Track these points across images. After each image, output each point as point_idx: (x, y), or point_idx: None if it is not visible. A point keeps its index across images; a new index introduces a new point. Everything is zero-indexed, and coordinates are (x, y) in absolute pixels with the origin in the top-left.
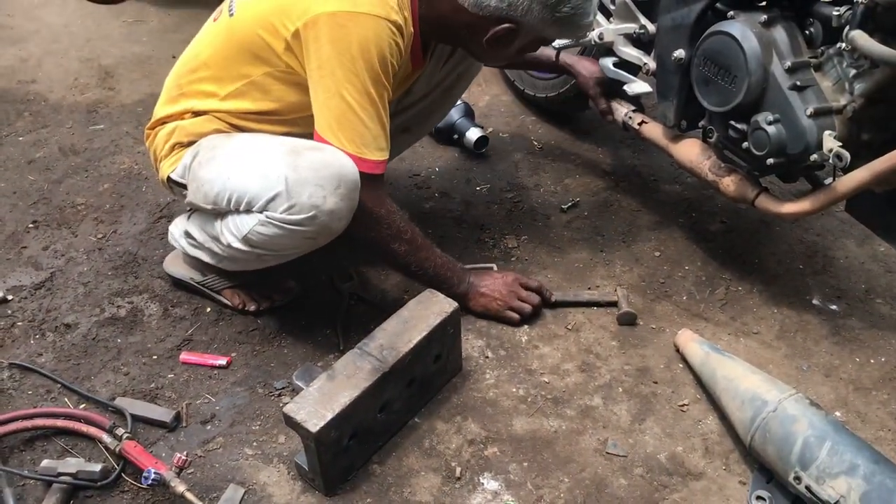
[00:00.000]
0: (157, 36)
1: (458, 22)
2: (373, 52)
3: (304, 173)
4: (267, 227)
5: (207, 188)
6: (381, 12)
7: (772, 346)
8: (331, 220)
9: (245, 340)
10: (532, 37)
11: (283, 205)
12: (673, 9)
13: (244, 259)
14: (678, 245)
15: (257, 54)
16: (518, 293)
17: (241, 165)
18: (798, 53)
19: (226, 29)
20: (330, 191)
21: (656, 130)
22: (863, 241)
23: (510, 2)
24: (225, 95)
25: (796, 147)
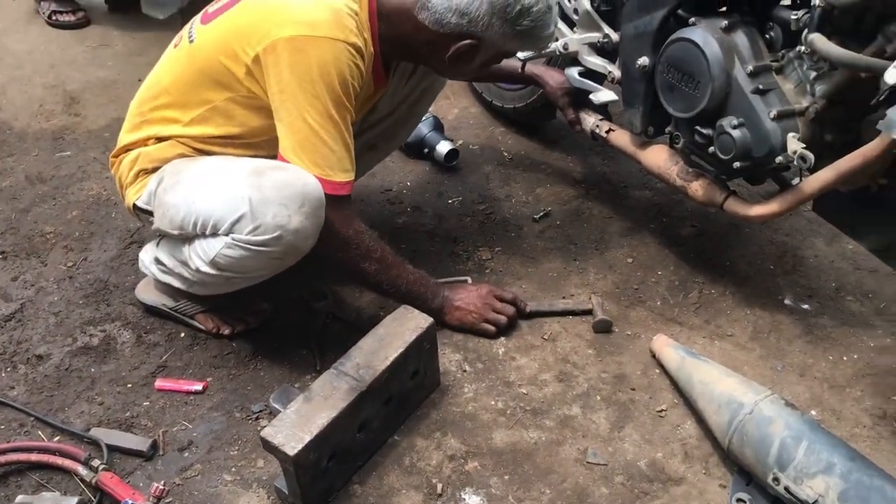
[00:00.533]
0: (122, 60)
1: (419, 40)
2: (333, 74)
3: (267, 193)
4: (234, 250)
5: (173, 213)
6: (339, 35)
7: (746, 347)
8: (297, 239)
9: (220, 364)
10: (494, 51)
11: (249, 226)
12: (635, 17)
13: (214, 283)
14: (650, 250)
15: (218, 80)
16: (493, 305)
17: (205, 188)
18: (759, 57)
19: (186, 55)
20: (294, 210)
21: (624, 138)
22: (831, 239)
23: (470, 18)
24: (188, 121)
25: (761, 150)
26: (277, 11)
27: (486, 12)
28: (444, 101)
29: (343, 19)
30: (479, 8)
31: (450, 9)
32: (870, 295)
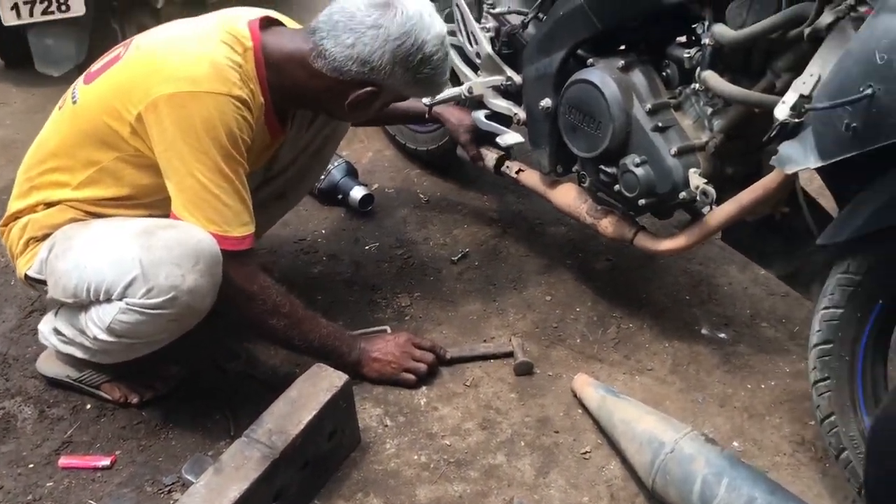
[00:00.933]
0: (20, 118)
1: (315, 88)
2: (219, 128)
3: (158, 253)
4: (129, 315)
5: (66, 281)
6: (222, 89)
7: (666, 381)
8: (192, 299)
9: (129, 436)
10: (393, 96)
11: (141, 289)
12: (536, 59)
13: (116, 350)
14: (568, 287)
15: (104, 140)
16: (412, 353)
17: (95, 253)
18: (657, 95)
19: (70, 116)
20: (188, 269)
21: (534, 177)
22: (744, 266)
23: (372, 66)
24: (77, 184)
25: (665, 186)
26: (157, 69)
27: (389, 61)
28: (357, 144)
29: (225, 72)
30: (381, 57)
31: (350, 57)
32: (783, 320)
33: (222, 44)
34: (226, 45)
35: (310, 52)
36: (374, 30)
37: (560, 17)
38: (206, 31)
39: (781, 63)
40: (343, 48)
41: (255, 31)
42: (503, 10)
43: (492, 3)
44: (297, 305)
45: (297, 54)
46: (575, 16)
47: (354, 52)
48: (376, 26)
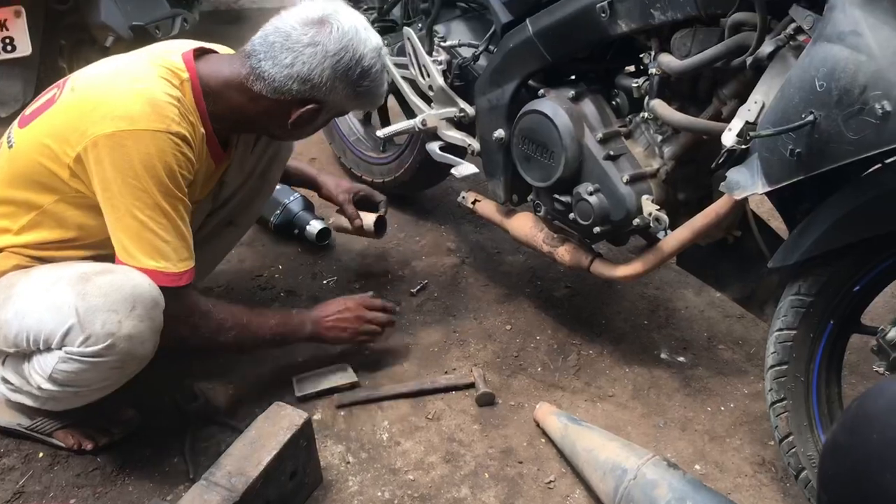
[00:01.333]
0: None
1: (255, 110)
2: (158, 166)
3: (93, 300)
4: (69, 364)
5: (6, 330)
6: (160, 126)
7: (627, 406)
8: (131, 345)
9: (85, 483)
10: (334, 112)
11: (79, 337)
12: (488, 91)
13: (64, 398)
14: (527, 316)
15: (43, 183)
16: (364, 316)
17: (34, 301)
18: (608, 124)
19: (7, 161)
20: (125, 314)
21: (490, 207)
22: (699, 290)
23: (313, 84)
24: (18, 229)
25: (618, 214)
26: (93, 108)
27: (329, 77)
28: None
29: (162, 109)
30: (321, 74)
31: (290, 76)
32: (740, 342)
33: (159, 79)
34: (163, 80)
35: (247, 75)
36: (311, 47)
37: (510, 49)
38: (142, 67)
39: (726, 91)
40: (282, 68)
41: (190, 61)
42: (454, 43)
43: (442, 36)
44: (239, 313)
45: (234, 79)
46: (525, 48)
47: (294, 70)
48: (314, 44)
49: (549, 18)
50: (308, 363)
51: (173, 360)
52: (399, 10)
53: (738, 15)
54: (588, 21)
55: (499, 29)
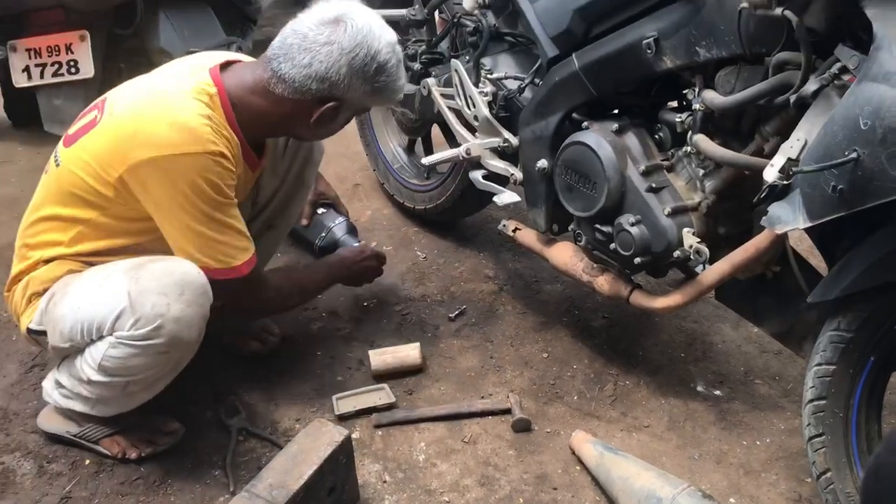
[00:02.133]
0: (26, 176)
1: (279, 113)
2: (203, 185)
3: (145, 283)
4: (118, 349)
5: (62, 325)
6: (198, 148)
7: (663, 438)
8: (178, 328)
9: (128, 492)
10: (355, 109)
11: (129, 320)
12: (532, 122)
13: (112, 396)
14: (564, 344)
15: (89, 200)
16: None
17: (88, 293)
18: (650, 157)
19: (55, 179)
20: (174, 297)
21: (530, 236)
22: (737, 324)
23: (331, 82)
24: (69, 240)
25: (659, 246)
26: (133, 135)
27: (346, 74)
28: (356, 203)
29: (197, 131)
30: (338, 71)
31: (309, 76)
32: (777, 377)
33: (193, 100)
34: (195, 101)
35: (269, 79)
36: (327, 46)
37: (556, 82)
38: (174, 88)
39: (769, 128)
40: (300, 69)
41: (217, 76)
42: (500, 76)
43: (489, 68)
44: (296, 278)
45: (257, 85)
46: (570, 82)
47: (312, 70)
48: (329, 42)
49: (595, 53)
50: (347, 383)
51: (217, 375)
52: (447, 42)
53: (782, 54)
54: (634, 57)
55: (545, 62)
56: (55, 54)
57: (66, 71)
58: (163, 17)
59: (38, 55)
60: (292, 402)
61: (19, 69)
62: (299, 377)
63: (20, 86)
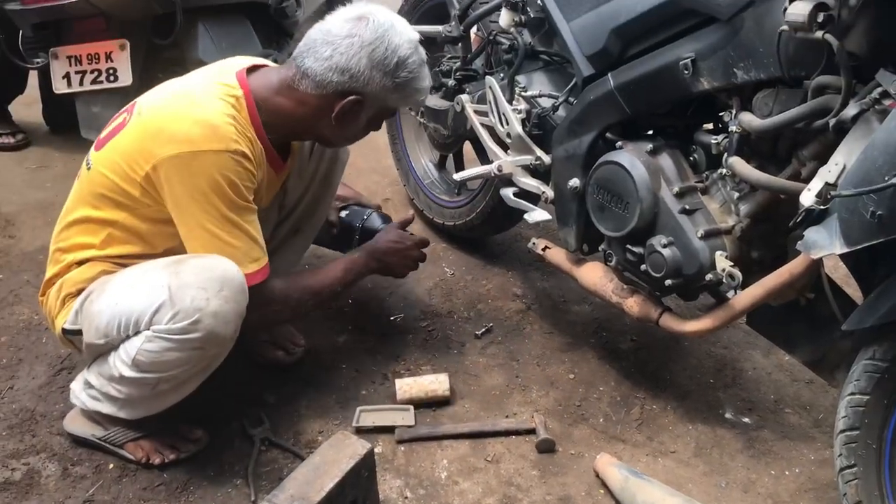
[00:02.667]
0: (60, 181)
1: (303, 113)
2: (222, 184)
3: (186, 278)
4: (154, 343)
5: (98, 321)
6: (220, 146)
7: (689, 464)
8: (216, 323)
9: (150, 497)
10: (377, 106)
11: (168, 314)
12: (565, 140)
13: (141, 396)
14: (591, 366)
15: (118, 201)
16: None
17: (127, 288)
18: (684, 178)
19: (87, 182)
20: (213, 293)
21: (560, 255)
22: (768, 351)
23: (352, 74)
24: (100, 243)
25: (691, 268)
26: (159, 132)
27: (366, 66)
28: None
29: (220, 130)
30: (358, 63)
31: (330, 68)
32: (808, 407)
33: (217, 100)
34: (221, 101)
35: (293, 76)
36: (348, 39)
37: (590, 101)
38: (201, 90)
39: (807, 151)
40: (322, 61)
41: (243, 78)
42: (534, 94)
43: (524, 86)
44: (311, 284)
45: (283, 85)
46: (605, 101)
47: (332, 62)
48: (350, 35)
49: (632, 73)
50: (371, 397)
51: (242, 384)
52: (482, 59)
53: (822, 78)
54: (670, 77)
55: (580, 81)
56: (95, 62)
57: (105, 79)
58: (202, 29)
59: (79, 62)
60: (316, 413)
61: (59, 76)
62: (324, 389)
63: (60, 92)
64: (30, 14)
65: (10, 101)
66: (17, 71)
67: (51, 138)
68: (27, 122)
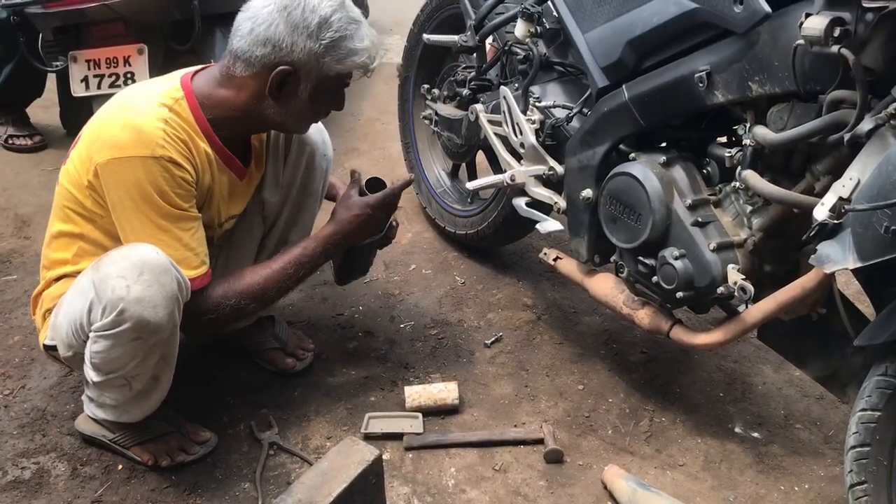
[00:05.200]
0: None
1: (244, 99)
2: (149, 190)
3: (105, 270)
4: (98, 343)
5: (61, 333)
6: (145, 152)
7: (698, 477)
8: (142, 309)
9: (158, 499)
10: (314, 76)
11: (98, 310)
12: (579, 151)
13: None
14: (601, 377)
15: (78, 212)
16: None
17: (71, 296)
18: (697, 191)
19: (57, 196)
20: (133, 279)
21: (571, 266)
22: (778, 366)
23: (274, 43)
24: (73, 258)
25: (703, 281)
26: (96, 138)
27: (285, 31)
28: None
29: (147, 135)
30: (276, 30)
31: (253, 42)
32: (818, 423)
33: (153, 105)
34: (156, 105)
35: (228, 64)
36: (266, 9)
37: (604, 113)
38: (144, 95)
39: (821, 166)
40: (245, 37)
41: (186, 81)
42: (549, 104)
43: (538, 96)
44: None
45: (222, 76)
46: (619, 113)
47: (254, 35)
48: (267, 5)
49: (646, 85)
50: (380, 403)
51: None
52: (497, 69)
53: (837, 92)
54: (685, 90)
55: (594, 92)
56: (113, 66)
57: (123, 82)
58: (219, 35)
59: (97, 66)
60: (324, 419)
61: (78, 79)
62: (332, 395)
63: (78, 95)
64: (51, 18)
65: (28, 103)
66: (37, 74)
67: (67, 141)
68: (44, 124)
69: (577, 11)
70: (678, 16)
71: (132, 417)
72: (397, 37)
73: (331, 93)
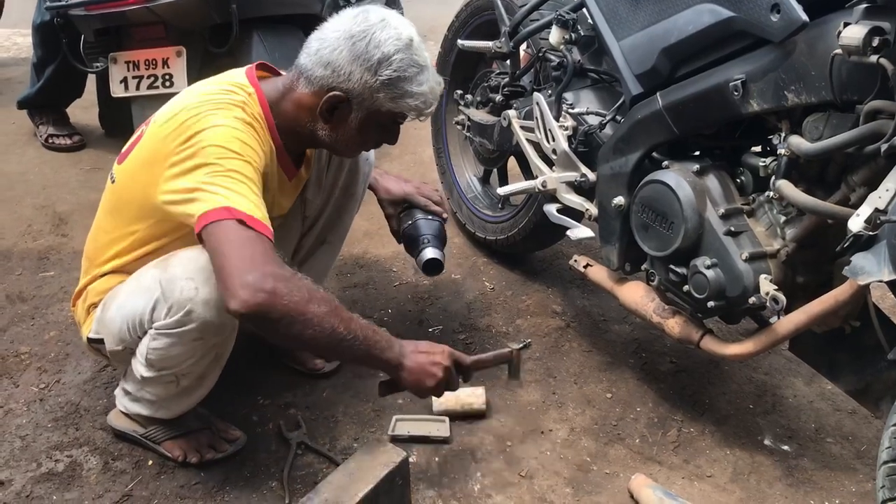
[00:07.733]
0: None
1: (301, 114)
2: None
3: (173, 270)
4: (158, 340)
5: (112, 327)
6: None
7: (726, 489)
8: (207, 311)
9: (187, 495)
10: (365, 108)
11: (163, 309)
12: (611, 158)
13: (169, 395)
14: (629, 386)
15: (141, 210)
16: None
17: (129, 292)
18: (731, 200)
19: (111, 194)
20: (201, 282)
21: (601, 273)
22: (810, 379)
23: (334, 68)
24: (123, 253)
25: (734, 290)
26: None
27: (347, 59)
28: None
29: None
30: (339, 55)
31: (317, 62)
32: (849, 437)
33: (224, 92)
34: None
35: (294, 78)
36: (336, 33)
37: (638, 120)
38: (209, 87)
39: (857, 177)
40: (311, 56)
41: (252, 76)
42: (582, 111)
43: (571, 103)
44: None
45: (284, 88)
46: (653, 120)
47: (319, 56)
48: (338, 30)
49: (680, 93)
50: (406, 406)
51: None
52: (530, 76)
53: (875, 102)
54: (720, 99)
55: (628, 100)
56: (152, 68)
57: (161, 84)
58: (256, 39)
59: (137, 68)
60: (352, 420)
61: (117, 80)
62: (361, 397)
63: (117, 96)
64: (93, 20)
65: (68, 103)
66: (77, 75)
67: (105, 141)
68: (83, 124)
69: (612, 19)
70: (714, 24)
71: (168, 413)
72: (431, 43)
73: (382, 127)
